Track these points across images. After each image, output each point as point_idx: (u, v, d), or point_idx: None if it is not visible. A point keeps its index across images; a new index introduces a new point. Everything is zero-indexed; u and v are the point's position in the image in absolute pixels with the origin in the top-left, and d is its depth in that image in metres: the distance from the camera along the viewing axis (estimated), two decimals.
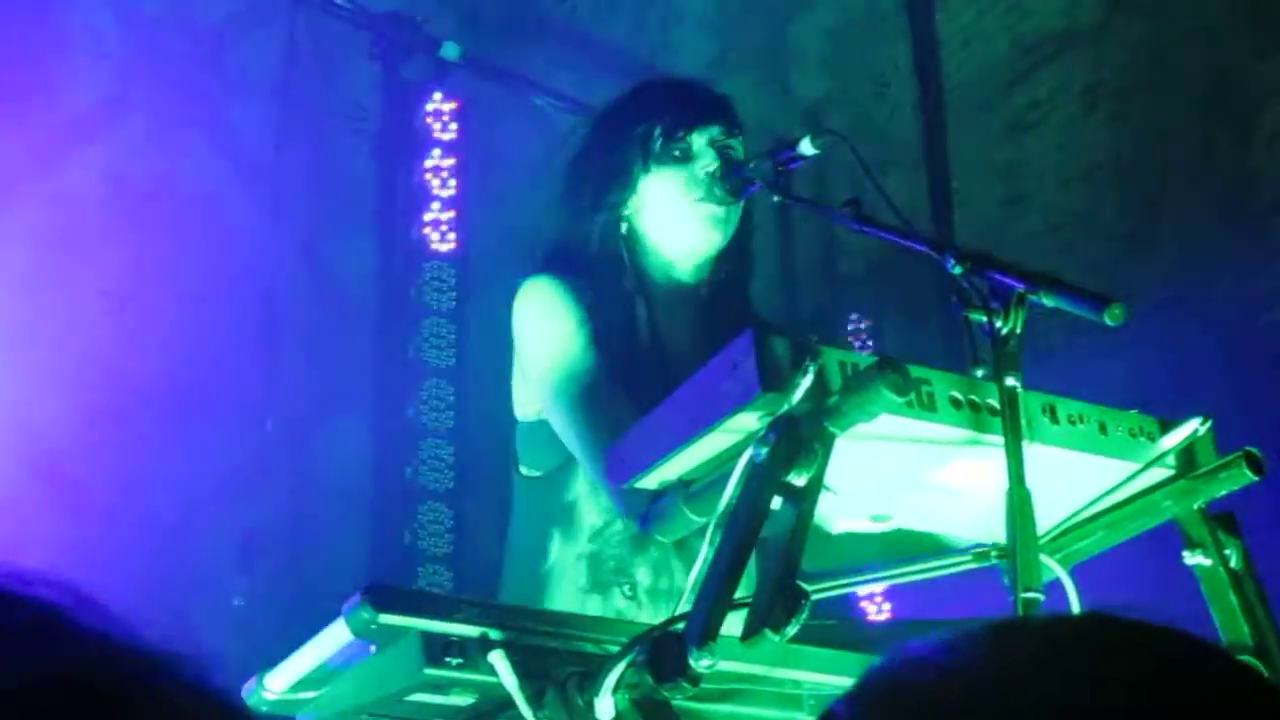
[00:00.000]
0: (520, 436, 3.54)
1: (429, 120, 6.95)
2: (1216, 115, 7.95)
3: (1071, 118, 8.70)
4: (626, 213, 3.52)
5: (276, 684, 2.62)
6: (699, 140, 3.51)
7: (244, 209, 7.06)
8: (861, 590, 6.53)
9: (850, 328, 7.86)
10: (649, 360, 3.39)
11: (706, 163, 3.47)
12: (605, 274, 3.48)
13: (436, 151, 6.93)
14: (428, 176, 6.90)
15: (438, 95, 6.99)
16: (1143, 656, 1.11)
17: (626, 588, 3.35)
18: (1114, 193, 8.35)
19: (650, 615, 3.24)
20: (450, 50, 7.07)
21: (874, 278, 8.65)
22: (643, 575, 3.37)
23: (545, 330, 3.42)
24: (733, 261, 3.63)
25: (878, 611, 6.42)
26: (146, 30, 7.01)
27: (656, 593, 3.36)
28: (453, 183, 6.92)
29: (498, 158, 7.61)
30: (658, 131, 3.51)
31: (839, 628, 4.82)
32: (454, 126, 6.98)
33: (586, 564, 3.37)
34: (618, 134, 3.58)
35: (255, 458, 6.51)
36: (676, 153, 3.50)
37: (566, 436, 3.35)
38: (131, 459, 6.52)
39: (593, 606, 3.33)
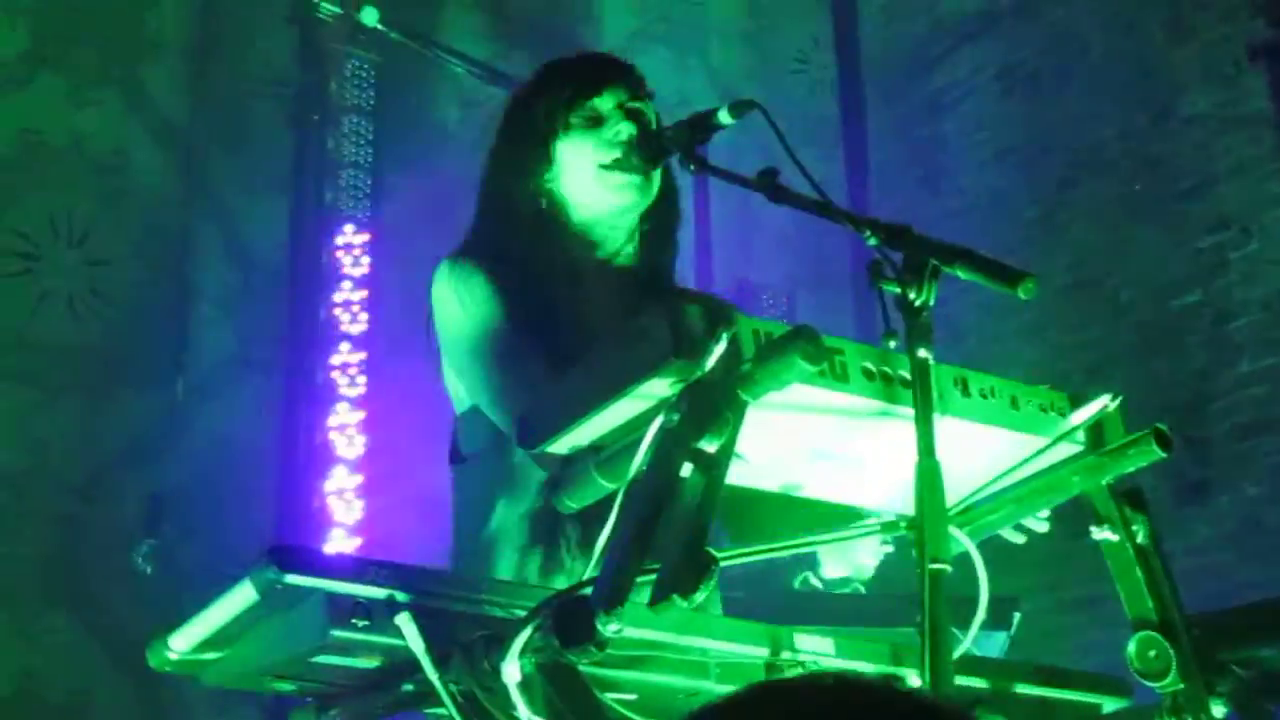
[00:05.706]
0: (460, 429, 3.51)
1: (346, 85, 6.89)
2: (1131, 100, 8.01)
3: (988, 99, 8.76)
4: (546, 185, 3.51)
5: (180, 644, 2.59)
6: (606, 103, 3.52)
7: (157, 169, 7.00)
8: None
9: (765, 299, 7.86)
10: (570, 336, 3.36)
11: (619, 128, 3.47)
12: (527, 254, 3.46)
13: (352, 117, 6.87)
14: (342, 142, 6.84)
15: (354, 60, 6.94)
16: None
17: (573, 539, 3.30)
18: (1027, 175, 8.41)
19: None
20: (369, 15, 7.02)
21: (788, 250, 8.68)
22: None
23: (460, 305, 3.39)
24: (655, 228, 3.62)
25: None
26: None
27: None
28: (368, 148, 6.88)
29: (413, 123, 7.58)
30: (564, 98, 3.52)
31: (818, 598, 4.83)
32: (371, 93, 6.93)
33: (529, 522, 3.32)
34: (527, 109, 3.59)
35: (164, 420, 6.46)
36: (585, 117, 3.51)
37: (475, 389, 3.34)
38: (39, 420, 6.47)
39: (535, 563, 3.29)
